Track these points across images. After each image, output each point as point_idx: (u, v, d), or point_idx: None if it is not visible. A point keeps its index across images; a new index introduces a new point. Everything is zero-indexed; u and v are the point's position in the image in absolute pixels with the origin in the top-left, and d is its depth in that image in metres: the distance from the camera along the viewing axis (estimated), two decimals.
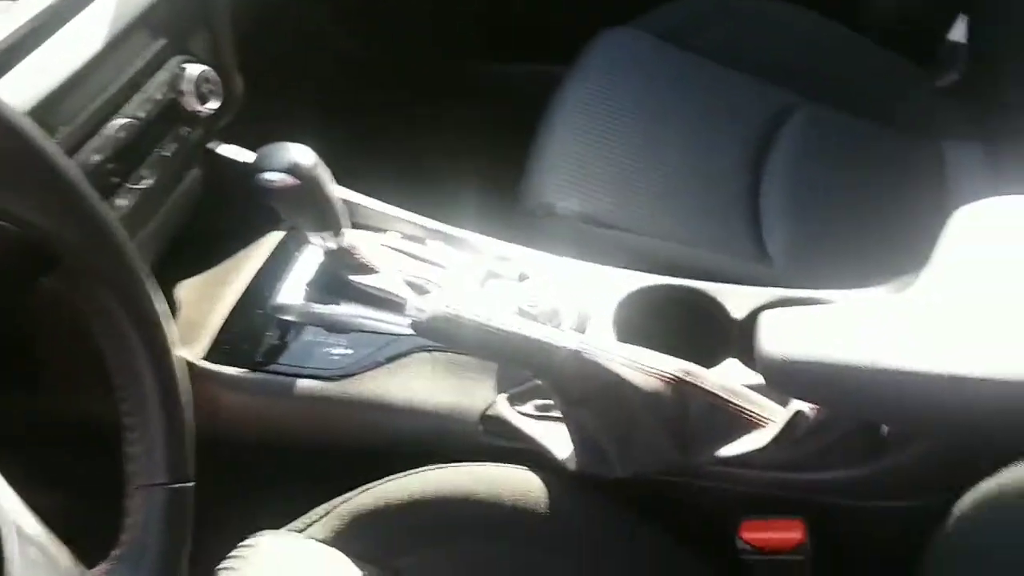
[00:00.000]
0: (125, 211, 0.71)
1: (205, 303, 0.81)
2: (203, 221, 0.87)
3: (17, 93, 0.60)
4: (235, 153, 0.87)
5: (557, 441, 0.65)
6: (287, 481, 0.75)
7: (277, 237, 0.86)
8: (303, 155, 0.68)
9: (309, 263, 0.81)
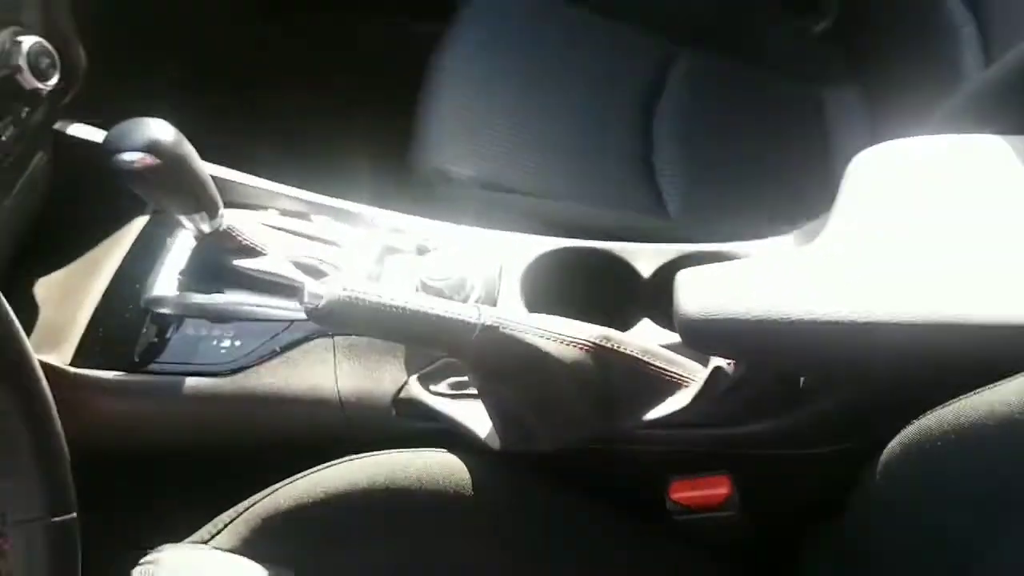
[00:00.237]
0: None
1: (67, 301, 0.74)
2: (56, 210, 0.79)
3: None
4: (86, 133, 0.79)
5: (476, 420, 0.63)
6: (184, 489, 0.69)
7: (142, 222, 0.78)
8: (162, 131, 0.62)
9: (181, 249, 0.74)
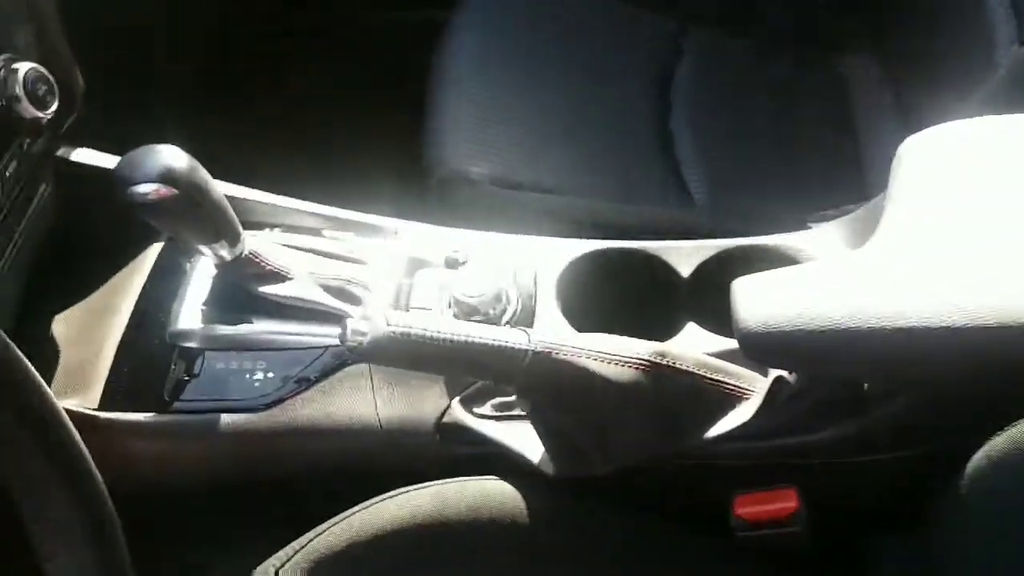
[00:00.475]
0: None
1: (87, 340, 0.70)
2: (64, 242, 0.75)
3: None
4: (89, 158, 0.75)
5: (525, 443, 0.61)
6: (225, 531, 0.67)
7: (157, 249, 0.75)
8: (175, 157, 0.58)
9: (202, 276, 0.71)
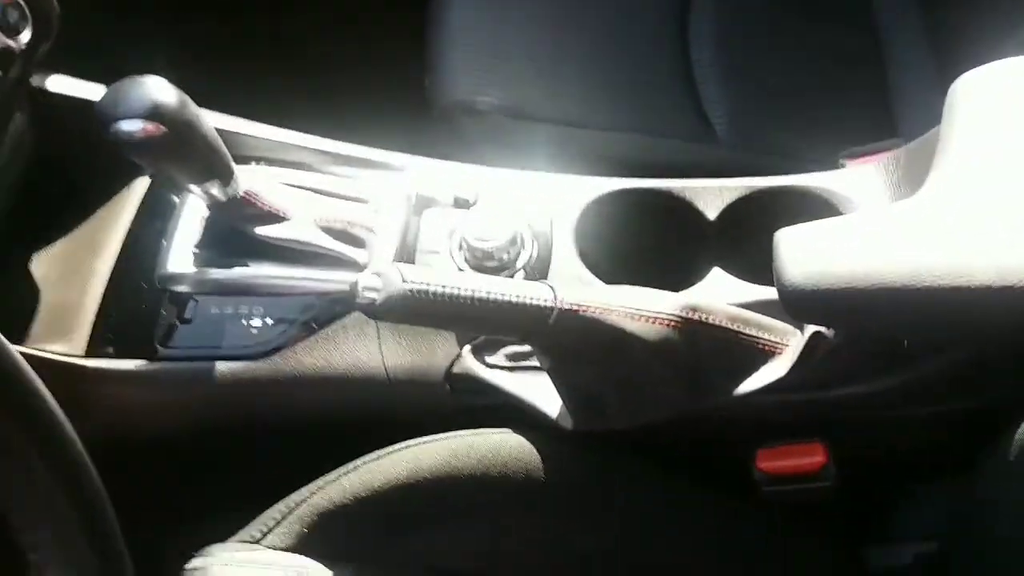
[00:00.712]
0: None
1: (70, 282, 0.66)
2: (44, 177, 0.70)
3: None
4: (68, 87, 0.70)
5: (541, 396, 0.57)
6: (222, 484, 0.64)
7: (143, 185, 0.70)
8: (164, 91, 0.54)
9: (192, 215, 0.66)
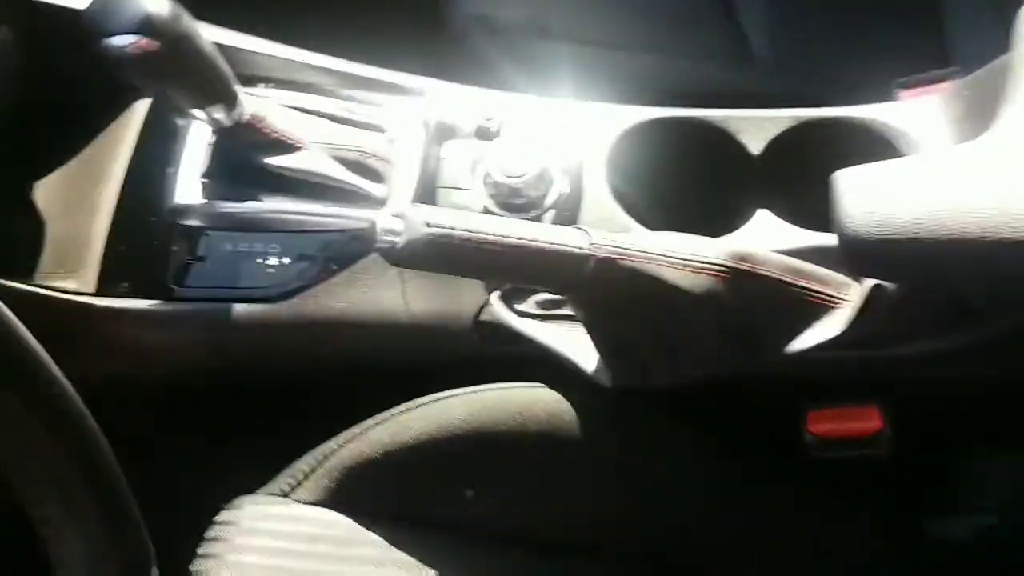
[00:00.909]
0: None
1: (74, 214, 0.62)
2: (37, 98, 0.65)
3: None
4: None
5: (575, 349, 0.54)
6: (244, 433, 0.62)
7: (144, 107, 0.65)
8: (156, 2, 0.49)
9: (198, 141, 0.62)
